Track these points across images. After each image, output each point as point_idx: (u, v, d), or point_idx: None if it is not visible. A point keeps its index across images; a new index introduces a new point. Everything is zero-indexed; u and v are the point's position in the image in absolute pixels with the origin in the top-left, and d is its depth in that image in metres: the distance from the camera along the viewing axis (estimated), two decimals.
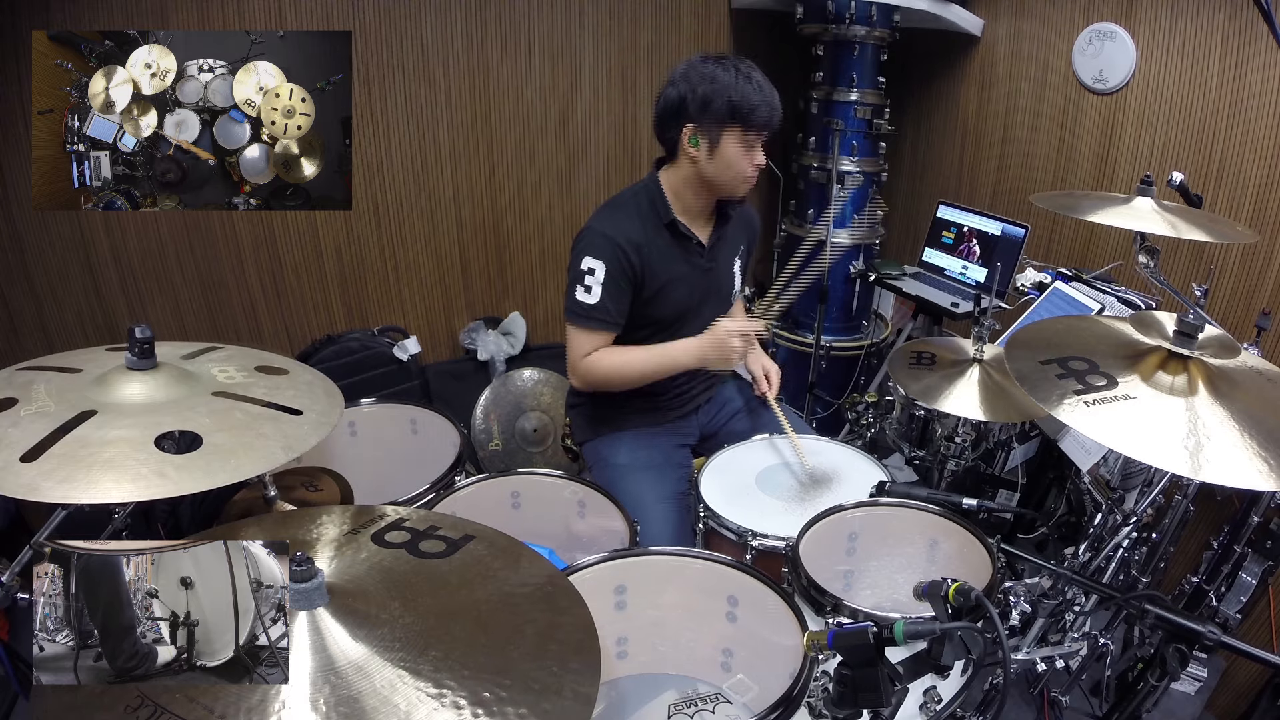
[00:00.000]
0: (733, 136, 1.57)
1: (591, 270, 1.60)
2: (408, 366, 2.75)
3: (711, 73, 1.55)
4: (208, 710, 0.65)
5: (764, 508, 1.56)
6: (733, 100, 1.53)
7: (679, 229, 1.68)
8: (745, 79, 1.54)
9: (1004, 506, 2.04)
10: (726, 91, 1.53)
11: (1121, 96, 2.39)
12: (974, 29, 2.82)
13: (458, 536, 0.91)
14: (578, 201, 2.99)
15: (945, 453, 2.14)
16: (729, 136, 1.57)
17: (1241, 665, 1.96)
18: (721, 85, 1.54)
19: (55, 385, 0.98)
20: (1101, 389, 1.04)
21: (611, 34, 2.86)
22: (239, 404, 1.02)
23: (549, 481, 1.62)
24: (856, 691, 0.88)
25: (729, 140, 1.58)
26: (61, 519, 0.99)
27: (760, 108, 1.55)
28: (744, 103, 1.54)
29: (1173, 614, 0.97)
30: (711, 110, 1.55)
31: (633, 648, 1.38)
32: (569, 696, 0.70)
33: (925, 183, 3.21)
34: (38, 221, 2.16)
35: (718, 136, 1.58)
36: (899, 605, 1.37)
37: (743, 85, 1.54)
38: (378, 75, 2.52)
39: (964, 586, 0.95)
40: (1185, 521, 1.81)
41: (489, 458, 2.86)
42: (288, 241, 2.57)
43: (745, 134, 1.57)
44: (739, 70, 1.55)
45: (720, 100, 1.54)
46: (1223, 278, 2.13)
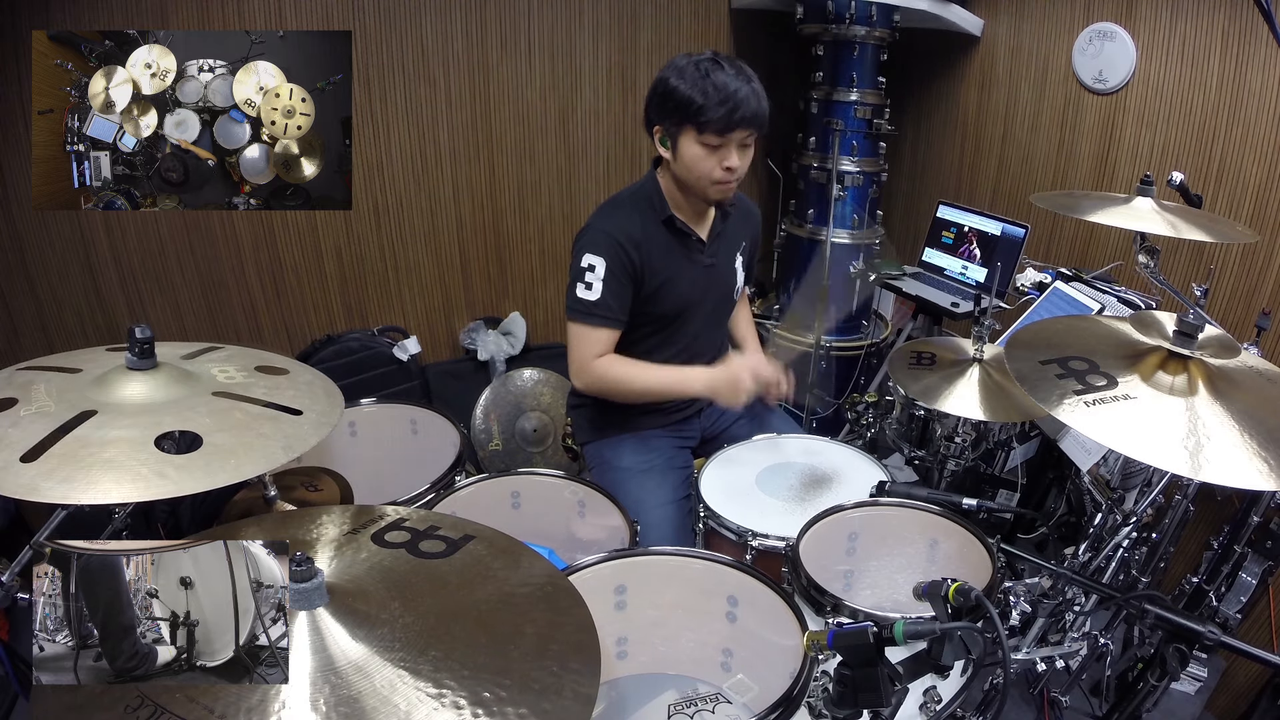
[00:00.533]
0: (689, 138, 1.52)
1: (592, 267, 1.59)
2: (408, 366, 2.75)
3: (679, 69, 1.49)
4: (208, 710, 0.65)
5: (764, 508, 1.56)
6: (681, 102, 1.47)
7: (677, 225, 1.67)
8: (703, 76, 1.45)
9: (1004, 506, 2.03)
10: (680, 91, 1.47)
11: (1121, 96, 2.39)
12: (974, 29, 2.82)
13: (458, 536, 0.91)
14: (578, 201, 2.99)
15: (945, 453, 2.14)
16: (685, 138, 1.53)
17: (1241, 665, 1.97)
18: (671, 87, 1.48)
19: (55, 385, 0.98)
20: (1102, 389, 1.04)
21: (611, 34, 2.86)
22: (239, 404, 1.02)
23: (549, 481, 1.62)
24: (856, 691, 0.88)
25: (685, 141, 1.53)
26: (61, 519, 0.99)
27: (711, 109, 1.45)
28: (691, 103, 1.46)
29: (1173, 614, 0.97)
30: (667, 110, 1.51)
31: (633, 648, 1.38)
32: (569, 696, 0.70)
33: (925, 183, 3.21)
34: (38, 221, 2.16)
35: (676, 137, 1.54)
36: (899, 605, 1.37)
37: (700, 84, 1.45)
38: (378, 75, 2.52)
39: (964, 586, 0.95)
40: (1185, 521, 1.81)
41: (489, 458, 2.86)
42: (288, 241, 2.57)
43: (700, 135, 1.50)
44: (700, 68, 1.47)
45: (673, 100, 1.49)
46: (1223, 278, 2.13)
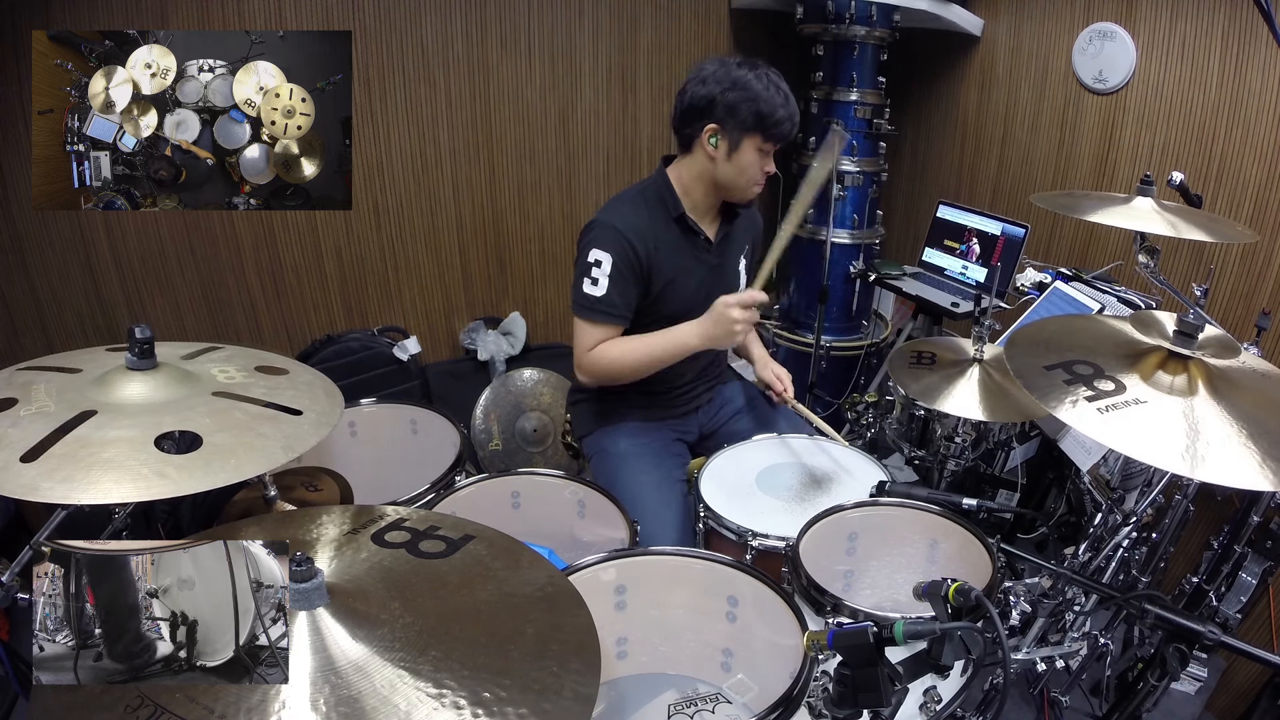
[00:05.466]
0: (752, 144, 1.60)
1: (598, 262, 1.60)
2: (408, 366, 2.75)
3: (744, 79, 1.56)
4: (208, 710, 0.65)
5: (764, 508, 1.56)
6: (761, 110, 1.56)
7: (688, 223, 1.69)
8: (775, 90, 1.57)
9: (1004, 506, 2.03)
10: (756, 101, 1.56)
11: (1121, 96, 2.39)
12: (974, 29, 2.82)
13: (458, 536, 0.91)
14: (578, 201, 2.99)
15: (945, 453, 2.15)
16: (749, 143, 1.60)
17: (1241, 665, 1.97)
18: (752, 94, 1.56)
19: (55, 385, 0.98)
20: (1110, 394, 1.03)
21: (611, 34, 2.86)
22: (239, 404, 1.02)
23: (549, 481, 1.62)
24: (856, 691, 0.88)
25: (748, 147, 1.60)
26: (61, 519, 0.99)
27: (784, 122, 1.58)
28: (771, 114, 1.56)
29: (1173, 614, 0.97)
30: (738, 116, 1.57)
31: (633, 648, 1.38)
32: (569, 696, 0.70)
33: (925, 183, 3.21)
34: (38, 221, 2.16)
35: (738, 141, 1.60)
36: (899, 605, 1.37)
37: (772, 96, 1.56)
38: (378, 75, 2.52)
39: (964, 586, 0.95)
40: (1185, 521, 1.81)
41: (489, 458, 2.86)
42: (288, 241, 2.57)
43: (764, 143, 1.60)
44: (769, 80, 1.58)
45: (748, 108, 1.56)
46: (1223, 278, 2.13)
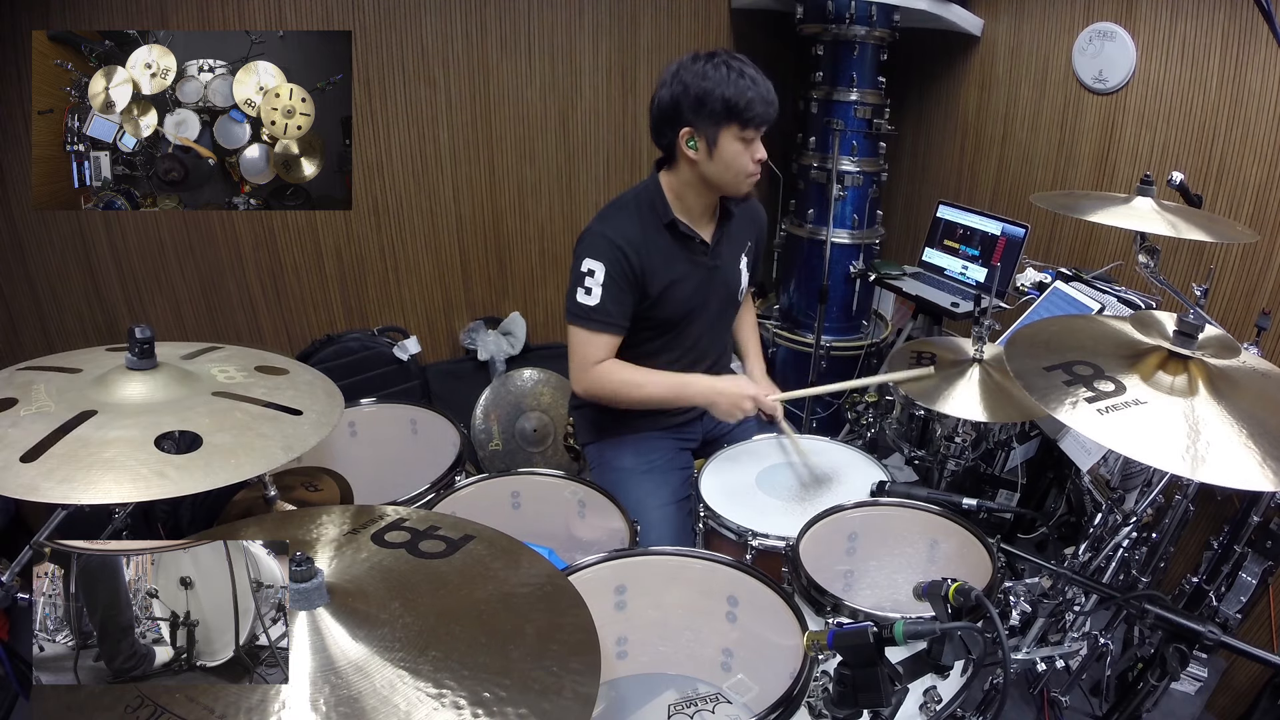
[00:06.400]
0: (730, 134, 1.54)
1: (591, 272, 1.59)
2: (408, 366, 2.75)
3: (702, 71, 1.51)
4: (208, 710, 0.65)
5: (764, 508, 1.56)
6: (727, 98, 1.50)
7: (679, 229, 1.66)
8: (738, 74, 1.51)
9: (1004, 506, 2.03)
10: (720, 89, 1.50)
11: (1121, 96, 2.39)
12: (974, 29, 2.82)
13: (458, 536, 0.91)
14: (578, 201, 2.99)
15: (945, 453, 2.14)
16: (726, 135, 1.54)
17: (1241, 665, 1.97)
18: (714, 83, 1.50)
19: (55, 385, 0.98)
20: (1111, 395, 1.03)
21: (611, 34, 2.86)
22: (239, 404, 1.02)
23: (549, 481, 1.62)
24: (856, 691, 0.88)
25: (726, 139, 1.55)
26: (61, 519, 0.99)
27: (755, 103, 1.51)
28: (738, 99, 1.50)
29: (1173, 614, 0.97)
30: (706, 110, 1.52)
31: (633, 648, 1.38)
32: (569, 696, 0.70)
33: (925, 183, 3.21)
34: (38, 221, 2.16)
35: (715, 136, 1.55)
36: (899, 605, 1.37)
37: (736, 81, 1.50)
38: (378, 75, 2.52)
39: (964, 586, 0.95)
40: (1185, 521, 1.81)
41: (489, 458, 2.86)
42: (288, 241, 2.57)
43: (743, 130, 1.54)
44: (730, 66, 1.51)
45: (714, 99, 1.50)
46: (1223, 278, 2.13)
